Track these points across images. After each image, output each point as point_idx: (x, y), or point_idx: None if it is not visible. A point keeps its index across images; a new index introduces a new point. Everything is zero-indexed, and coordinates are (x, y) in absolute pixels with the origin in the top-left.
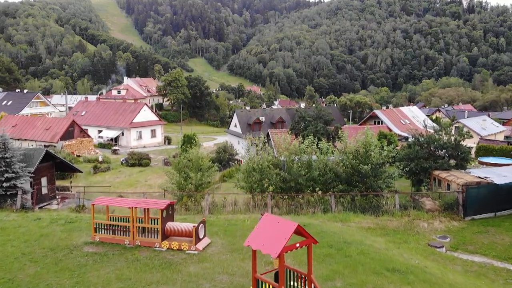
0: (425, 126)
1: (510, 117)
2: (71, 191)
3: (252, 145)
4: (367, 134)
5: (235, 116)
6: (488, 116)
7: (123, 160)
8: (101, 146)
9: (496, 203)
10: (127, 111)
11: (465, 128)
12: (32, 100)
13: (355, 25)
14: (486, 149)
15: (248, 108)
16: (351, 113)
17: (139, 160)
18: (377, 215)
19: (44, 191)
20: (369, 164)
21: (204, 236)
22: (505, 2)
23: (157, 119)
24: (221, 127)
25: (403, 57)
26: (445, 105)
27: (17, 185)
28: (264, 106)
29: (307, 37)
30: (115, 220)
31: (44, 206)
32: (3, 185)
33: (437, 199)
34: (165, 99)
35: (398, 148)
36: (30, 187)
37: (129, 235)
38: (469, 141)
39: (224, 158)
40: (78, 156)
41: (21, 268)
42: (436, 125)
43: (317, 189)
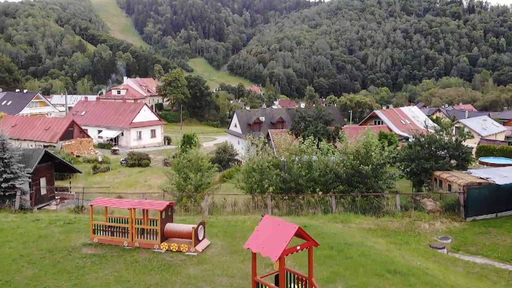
0: (426, 127)
1: (510, 117)
2: (70, 192)
3: (252, 146)
4: (367, 134)
5: (235, 116)
6: (489, 116)
7: (122, 161)
8: (100, 146)
9: (498, 204)
10: (127, 111)
11: (466, 129)
12: (32, 100)
13: (355, 25)
14: (487, 149)
15: (248, 108)
16: (351, 113)
17: (138, 161)
18: (378, 216)
19: (43, 191)
20: (370, 165)
21: (204, 237)
22: (505, 2)
23: (157, 119)
24: (221, 127)
25: (403, 57)
26: (445, 105)
27: (16, 186)
28: (264, 106)
29: (307, 37)
30: (114, 222)
31: (43, 206)
32: (1, 185)
33: (438, 199)
34: (165, 99)
35: (399, 149)
36: (29, 187)
37: (128, 236)
38: (470, 141)
39: (224, 158)
40: (78, 156)
41: (18, 270)
42: (436, 125)
43: (317, 189)
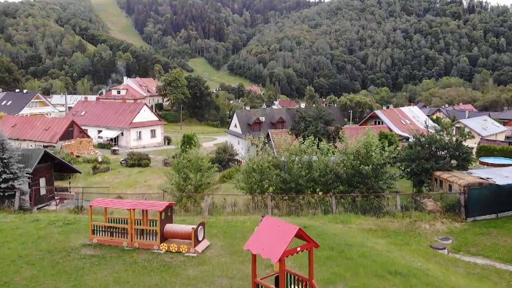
0: (427, 127)
1: (510, 117)
2: (70, 192)
3: (252, 146)
4: (368, 135)
5: (235, 116)
6: (489, 116)
7: (122, 161)
8: (100, 146)
9: (498, 204)
10: (127, 111)
11: (466, 129)
12: (32, 100)
13: (355, 25)
14: (487, 150)
15: (248, 108)
16: (351, 113)
17: (138, 161)
18: (378, 216)
19: (43, 192)
20: (370, 165)
21: (203, 238)
22: (505, 2)
23: (157, 119)
24: (221, 127)
25: (403, 57)
26: (446, 105)
27: (15, 186)
28: (264, 106)
29: (307, 37)
30: (113, 222)
31: (42, 207)
32: (0, 186)
33: (438, 200)
34: (165, 99)
35: (399, 149)
36: (28, 188)
37: (127, 237)
38: (470, 142)
39: (224, 158)
40: (78, 157)
41: (17, 271)
42: (437, 126)
43: (317, 190)
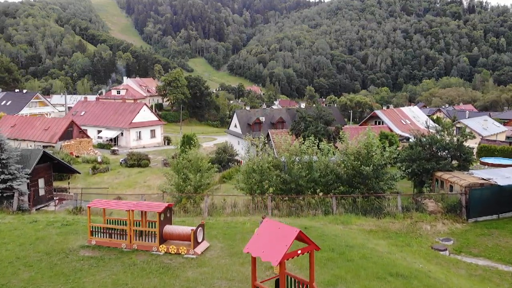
0: (428, 127)
1: (511, 117)
2: (69, 193)
3: (252, 146)
4: (368, 135)
5: (235, 116)
6: (489, 116)
7: (122, 161)
8: (100, 146)
9: (500, 205)
10: (127, 111)
11: (467, 129)
12: (31, 100)
13: (355, 25)
14: (488, 150)
15: (248, 108)
16: (351, 113)
17: (138, 161)
18: (379, 217)
19: (42, 192)
20: (371, 165)
21: (203, 239)
22: (505, 2)
23: (157, 119)
24: (221, 127)
25: (403, 57)
26: (446, 105)
27: (14, 187)
28: (264, 106)
29: (307, 37)
30: (112, 223)
31: (41, 207)
32: None
33: (439, 201)
34: (165, 99)
35: (399, 149)
36: (27, 188)
37: (126, 238)
38: (471, 142)
39: (224, 158)
40: (77, 157)
41: (15, 273)
42: (437, 126)
43: (318, 190)
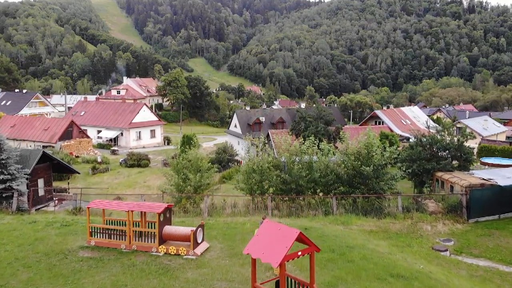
0: (428, 127)
1: (511, 117)
2: (68, 193)
3: (252, 146)
4: (369, 135)
5: (235, 116)
6: (489, 116)
7: (122, 161)
8: (100, 146)
9: (500, 205)
10: (127, 111)
11: (468, 129)
12: (31, 100)
13: (355, 25)
14: (488, 150)
15: (248, 108)
16: (351, 113)
17: (138, 161)
18: (379, 217)
19: (41, 192)
20: (371, 166)
21: (203, 240)
22: (505, 2)
23: (157, 119)
24: (221, 127)
25: (404, 57)
26: (446, 105)
27: (13, 187)
28: (264, 106)
29: (307, 37)
30: (111, 224)
31: (41, 208)
32: None
33: (440, 201)
34: (165, 99)
35: (400, 149)
36: (27, 188)
37: (125, 239)
38: (471, 142)
39: (224, 158)
40: (77, 157)
41: (13, 274)
42: (438, 126)
43: (318, 191)
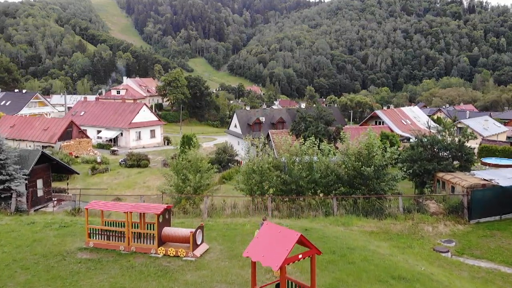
0: (429, 127)
1: (511, 117)
2: (67, 193)
3: (252, 146)
4: (369, 135)
5: (235, 116)
6: (490, 116)
7: (121, 161)
8: (99, 146)
9: (502, 206)
10: (126, 111)
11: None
12: (31, 100)
13: (355, 25)
14: (489, 150)
15: (248, 108)
16: (351, 113)
17: (138, 161)
18: (380, 218)
19: (40, 193)
20: (372, 166)
21: (202, 241)
22: (505, 2)
23: (157, 119)
24: (221, 127)
25: (404, 57)
26: (446, 105)
27: (12, 188)
28: (264, 106)
29: (307, 37)
30: (110, 225)
31: (39, 208)
32: None
33: (441, 202)
34: (165, 99)
35: (400, 149)
36: (25, 189)
37: (124, 240)
38: (471, 142)
39: (224, 159)
40: (76, 157)
41: (11, 276)
42: (439, 126)
43: (318, 191)
